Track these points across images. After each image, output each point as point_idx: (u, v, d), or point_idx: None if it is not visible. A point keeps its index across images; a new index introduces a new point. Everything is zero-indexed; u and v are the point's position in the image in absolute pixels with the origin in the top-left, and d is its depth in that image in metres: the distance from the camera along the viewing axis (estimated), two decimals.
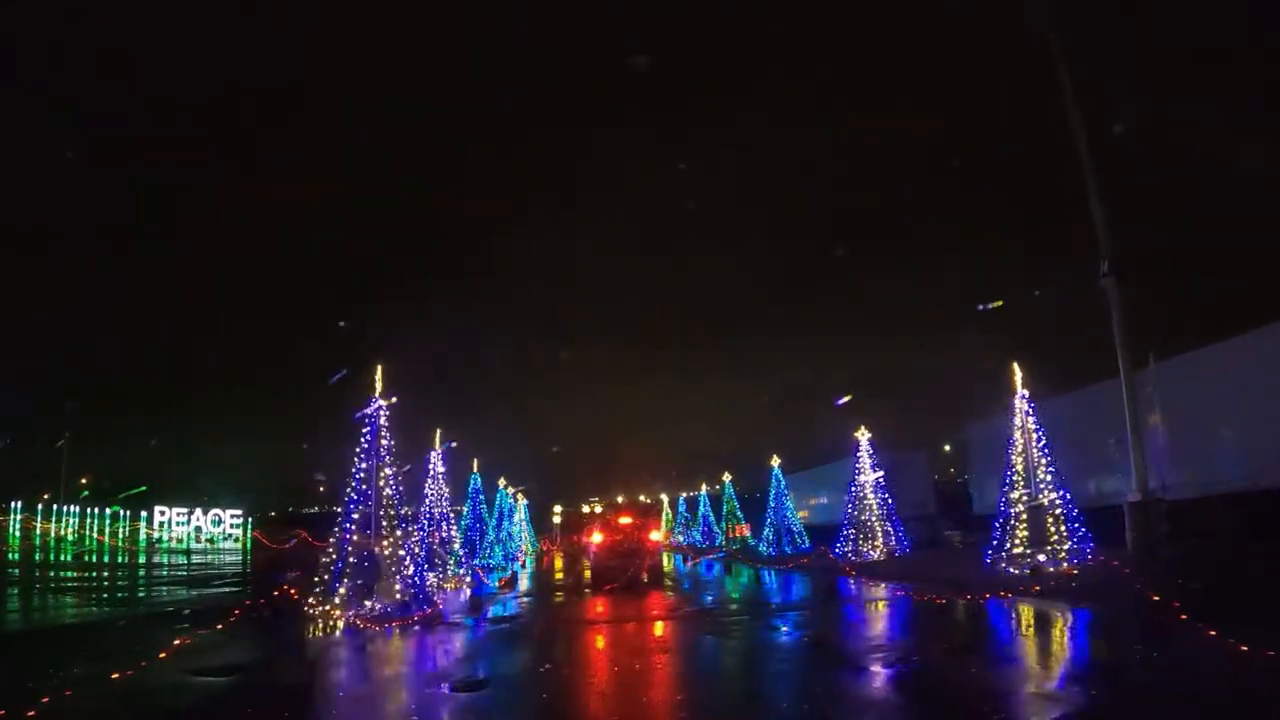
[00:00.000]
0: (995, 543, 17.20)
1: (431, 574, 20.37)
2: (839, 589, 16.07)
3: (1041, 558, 16.49)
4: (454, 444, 23.32)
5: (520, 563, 31.63)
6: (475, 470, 29.44)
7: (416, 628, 12.13)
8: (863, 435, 24.72)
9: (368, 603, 12.77)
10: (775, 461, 32.91)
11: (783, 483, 32.92)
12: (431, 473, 21.54)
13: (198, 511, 61.12)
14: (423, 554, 20.26)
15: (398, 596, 12.90)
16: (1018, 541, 16.86)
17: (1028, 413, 17.16)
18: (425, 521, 21.06)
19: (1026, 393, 17.32)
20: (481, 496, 29.79)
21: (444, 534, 21.47)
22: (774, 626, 12.18)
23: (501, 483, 37.93)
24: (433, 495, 21.48)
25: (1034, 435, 17.05)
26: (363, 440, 13.43)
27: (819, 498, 37.65)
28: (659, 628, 12.53)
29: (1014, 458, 17.35)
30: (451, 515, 22.46)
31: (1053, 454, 16.86)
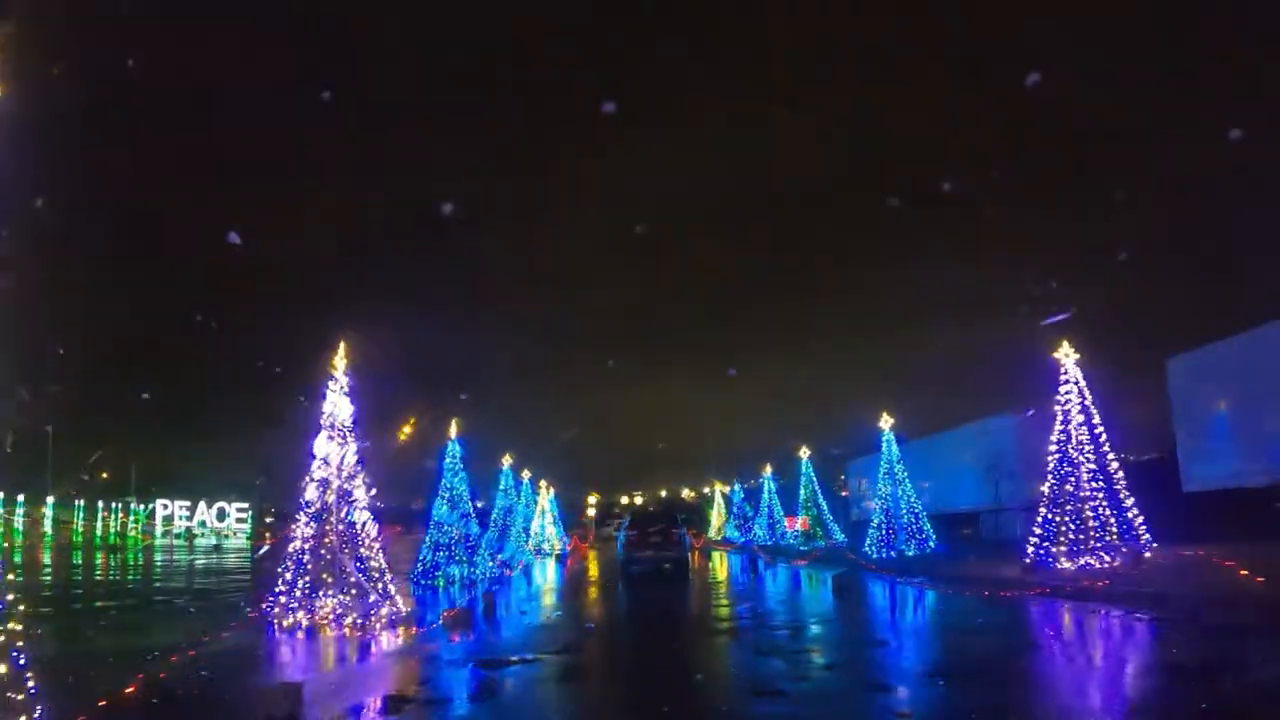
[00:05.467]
0: None
1: (313, 607, 11.09)
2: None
3: None
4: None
5: (520, 569, 22.13)
6: (453, 434, 19.19)
7: None
8: (1067, 356, 14.59)
9: None
10: (886, 423, 22.79)
11: (897, 454, 22.87)
12: (329, 420, 12.02)
13: (202, 505, 54.90)
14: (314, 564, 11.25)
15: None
16: None
17: None
18: (320, 510, 11.80)
19: None
20: (462, 473, 19.52)
21: (350, 530, 11.96)
22: None
23: (506, 461, 28.55)
24: (333, 464, 12.00)
25: None
26: None
27: (943, 477, 27.30)
28: None
29: None
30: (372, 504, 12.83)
31: None
